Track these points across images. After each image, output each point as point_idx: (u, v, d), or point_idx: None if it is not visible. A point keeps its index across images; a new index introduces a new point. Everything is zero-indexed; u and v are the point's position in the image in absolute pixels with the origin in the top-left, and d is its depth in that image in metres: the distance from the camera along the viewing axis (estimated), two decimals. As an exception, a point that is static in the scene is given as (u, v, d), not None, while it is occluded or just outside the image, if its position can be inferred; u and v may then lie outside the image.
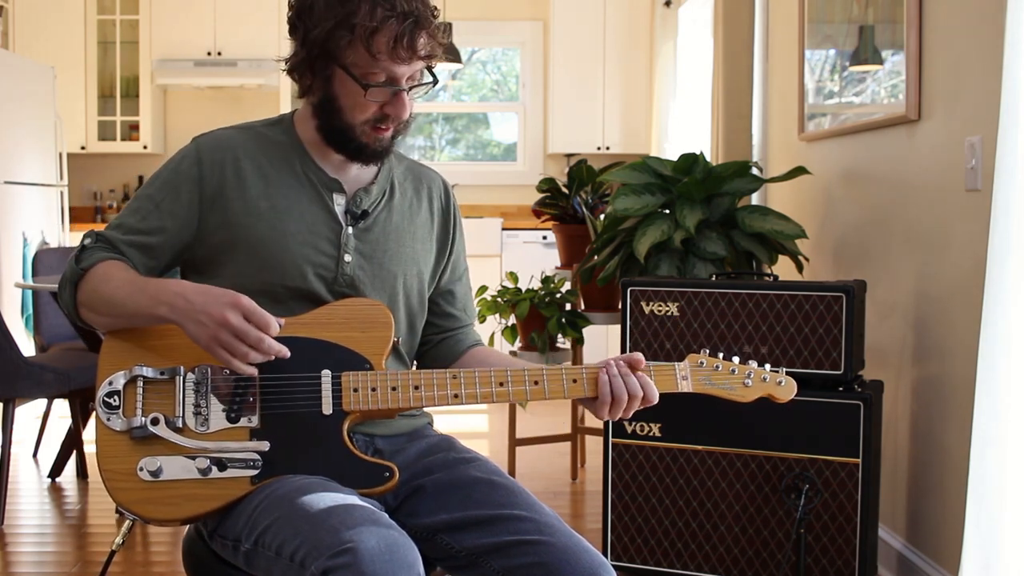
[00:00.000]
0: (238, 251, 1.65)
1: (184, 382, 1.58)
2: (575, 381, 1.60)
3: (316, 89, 1.65)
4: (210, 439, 1.56)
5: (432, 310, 1.84)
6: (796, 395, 2.59)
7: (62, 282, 1.66)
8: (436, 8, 1.63)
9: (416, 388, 1.59)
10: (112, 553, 2.24)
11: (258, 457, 1.56)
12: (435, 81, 1.67)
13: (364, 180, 1.74)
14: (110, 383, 1.58)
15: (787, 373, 1.67)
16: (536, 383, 1.60)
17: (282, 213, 1.66)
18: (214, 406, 1.57)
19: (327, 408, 1.58)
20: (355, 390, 1.58)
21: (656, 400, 1.59)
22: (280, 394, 1.58)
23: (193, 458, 1.55)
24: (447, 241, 1.84)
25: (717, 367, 1.63)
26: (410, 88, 1.63)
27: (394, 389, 1.59)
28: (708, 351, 1.65)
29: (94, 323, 1.64)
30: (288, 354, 1.53)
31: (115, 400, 1.57)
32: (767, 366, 1.66)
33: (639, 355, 1.60)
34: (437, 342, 1.86)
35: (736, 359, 1.64)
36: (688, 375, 1.62)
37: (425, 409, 1.81)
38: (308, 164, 1.70)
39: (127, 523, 2.18)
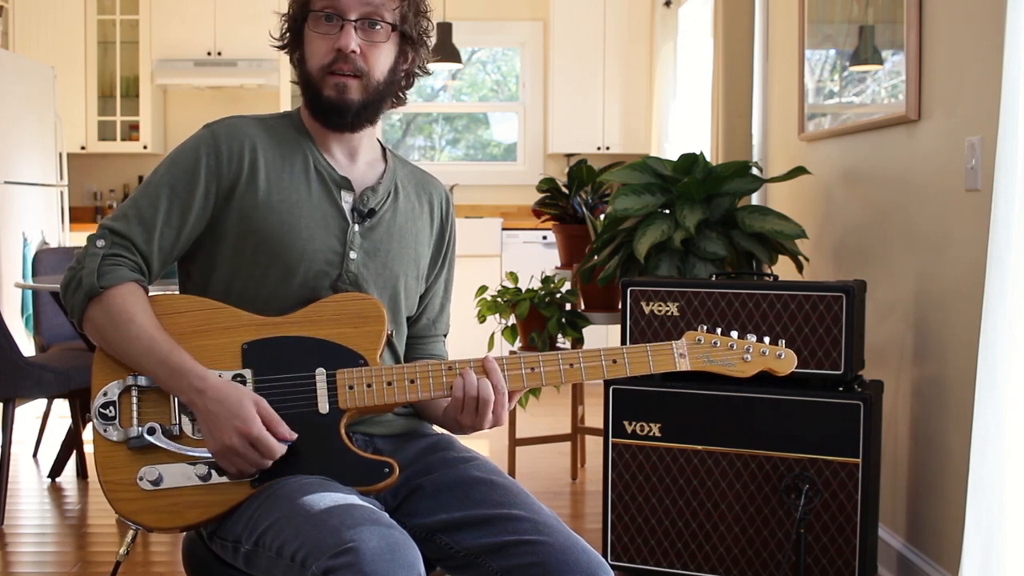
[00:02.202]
0: (247, 243, 1.63)
1: None
2: (573, 366, 1.59)
3: (296, 55, 1.69)
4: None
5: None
6: (796, 395, 2.61)
7: (73, 283, 1.60)
8: None
9: (412, 382, 1.59)
10: (117, 564, 2.24)
11: None
12: (390, 23, 1.65)
13: (371, 179, 1.74)
14: (105, 394, 1.57)
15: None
16: (532, 369, 1.59)
17: (293, 207, 1.65)
18: None
19: (323, 407, 1.57)
20: (350, 387, 1.58)
21: (504, 389, 1.57)
22: (275, 395, 1.57)
23: (193, 464, 1.55)
24: (441, 251, 1.84)
25: (715, 343, 1.60)
26: (358, 21, 1.62)
27: (389, 384, 1.58)
28: (706, 328, 1.62)
29: (94, 339, 1.61)
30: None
31: (111, 411, 1.56)
32: (766, 339, 1.62)
33: (489, 358, 1.59)
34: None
35: (734, 334, 1.61)
36: (686, 352, 1.60)
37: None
38: (319, 160, 1.69)
39: (130, 532, 2.18)
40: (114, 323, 1.57)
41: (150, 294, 1.63)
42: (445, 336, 1.90)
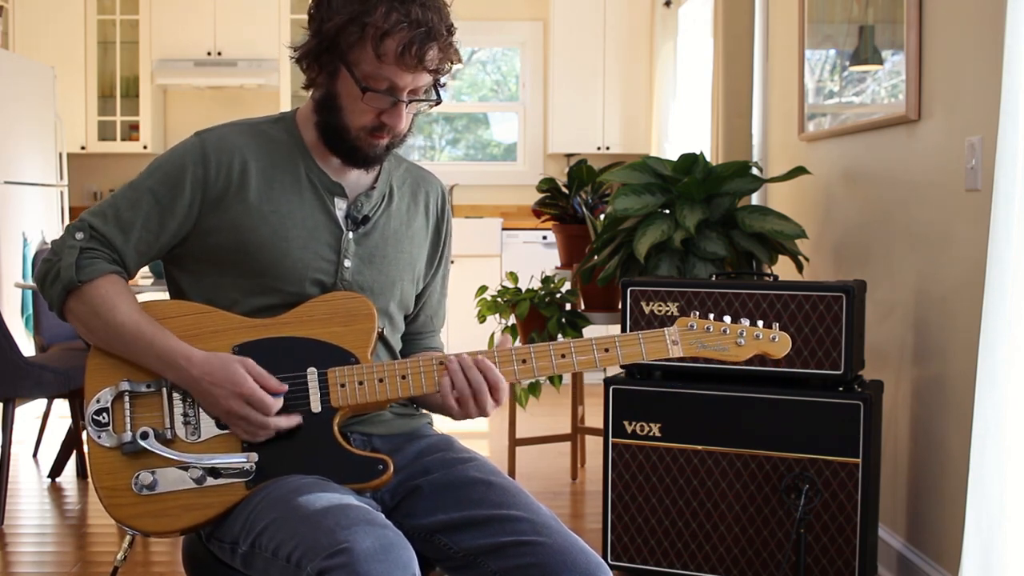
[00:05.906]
0: (237, 253, 1.63)
1: (171, 392, 1.57)
2: (564, 356, 1.57)
3: (320, 84, 1.64)
4: (202, 448, 1.56)
5: None
6: (796, 395, 2.61)
7: (50, 275, 1.61)
8: (453, 26, 1.61)
9: (403, 378, 1.58)
10: (115, 569, 2.24)
11: (252, 462, 1.55)
12: (438, 100, 1.65)
13: (364, 184, 1.72)
14: (97, 400, 1.57)
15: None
16: (524, 361, 1.58)
17: (285, 217, 1.64)
18: (203, 414, 1.57)
19: (316, 406, 1.57)
20: (342, 385, 1.58)
21: (503, 384, 1.56)
22: None
23: (187, 468, 1.55)
24: (438, 248, 1.84)
25: (708, 328, 1.58)
26: (410, 101, 1.60)
27: (381, 381, 1.58)
28: (698, 313, 1.61)
29: (79, 332, 1.63)
30: (299, 420, 1.56)
31: (104, 417, 1.56)
32: (760, 323, 1.61)
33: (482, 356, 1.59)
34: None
35: (727, 319, 1.60)
36: (678, 339, 1.58)
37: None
38: (311, 167, 1.68)
39: (127, 537, 2.18)
40: (97, 314, 1.59)
41: (139, 300, 1.63)
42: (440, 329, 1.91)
